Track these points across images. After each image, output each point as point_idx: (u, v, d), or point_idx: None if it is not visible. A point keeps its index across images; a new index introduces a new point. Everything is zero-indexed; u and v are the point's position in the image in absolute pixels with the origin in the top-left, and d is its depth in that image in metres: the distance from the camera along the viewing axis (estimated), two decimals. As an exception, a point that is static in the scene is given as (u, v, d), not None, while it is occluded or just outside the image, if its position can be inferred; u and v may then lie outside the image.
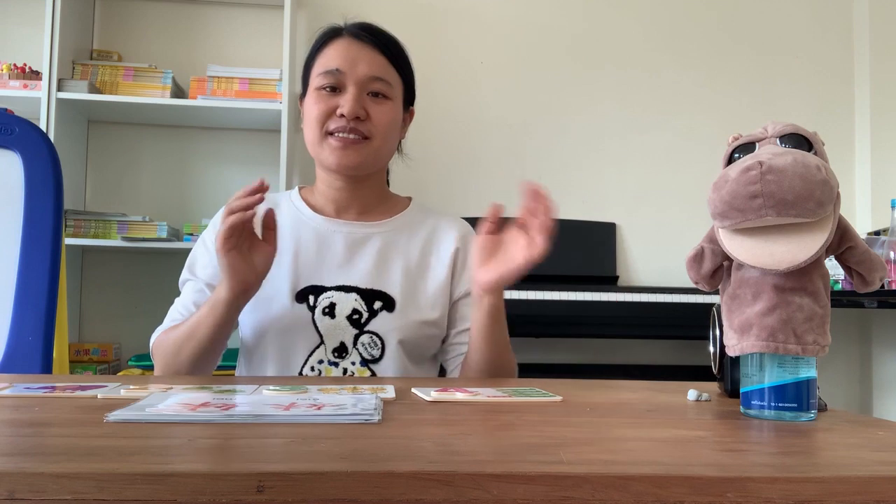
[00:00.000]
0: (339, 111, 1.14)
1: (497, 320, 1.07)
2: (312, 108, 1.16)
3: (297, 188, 1.28)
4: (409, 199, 1.30)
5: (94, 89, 2.57)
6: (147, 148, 2.84)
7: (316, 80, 1.17)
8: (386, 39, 1.20)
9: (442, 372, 1.26)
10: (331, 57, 1.16)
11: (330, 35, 1.20)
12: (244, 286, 1.02)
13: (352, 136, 1.14)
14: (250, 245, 1.02)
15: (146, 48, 2.85)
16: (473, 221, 1.29)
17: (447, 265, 1.21)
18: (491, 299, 1.05)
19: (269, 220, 1.05)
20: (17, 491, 0.42)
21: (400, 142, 1.28)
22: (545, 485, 0.44)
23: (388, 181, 1.33)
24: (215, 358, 1.10)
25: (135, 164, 2.83)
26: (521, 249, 0.97)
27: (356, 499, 0.43)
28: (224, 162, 2.85)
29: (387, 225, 1.23)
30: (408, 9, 2.93)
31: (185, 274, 1.20)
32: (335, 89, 1.15)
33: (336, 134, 1.14)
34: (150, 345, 1.15)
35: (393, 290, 1.17)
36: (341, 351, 1.14)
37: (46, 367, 1.19)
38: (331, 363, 1.14)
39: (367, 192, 1.23)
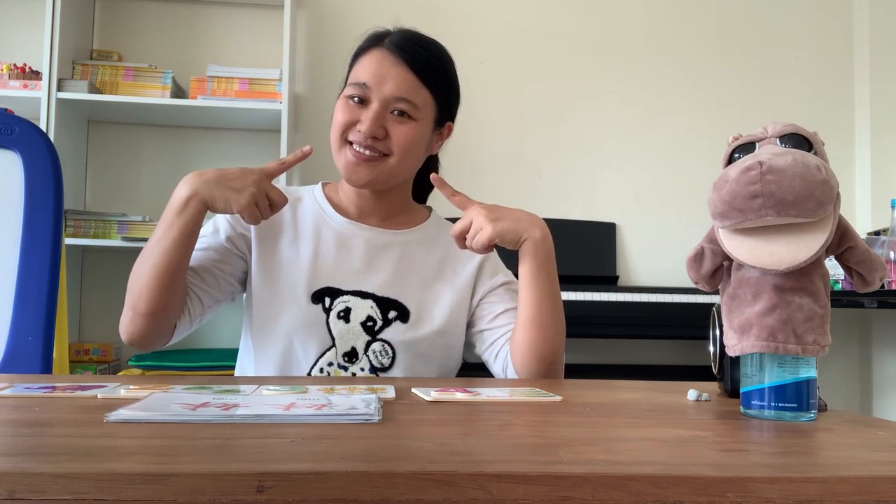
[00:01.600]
0: (358, 126, 1.13)
1: (540, 272, 1.10)
2: (338, 113, 1.16)
3: (320, 184, 1.27)
4: (430, 209, 1.30)
5: (94, 89, 2.57)
6: (147, 148, 2.84)
7: (348, 87, 1.16)
8: (424, 57, 1.17)
9: (461, 370, 1.24)
10: (363, 68, 1.15)
11: (371, 42, 1.18)
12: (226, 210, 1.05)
13: (367, 152, 1.13)
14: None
15: (146, 48, 2.85)
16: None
17: (470, 275, 1.21)
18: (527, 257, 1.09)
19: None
20: (17, 491, 0.42)
21: (436, 158, 1.28)
22: (545, 485, 0.44)
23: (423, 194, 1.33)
24: (180, 281, 1.07)
25: (135, 164, 2.83)
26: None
27: (356, 499, 0.43)
28: (224, 162, 2.85)
29: (407, 235, 1.23)
30: (407, 9, 2.92)
31: None
32: (362, 101, 1.15)
33: (354, 146, 1.14)
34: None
35: (408, 301, 1.17)
36: (352, 356, 1.14)
37: (46, 367, 1.19)
38: (340, 366, 1.14)
39: (390, 201, 1.23)
